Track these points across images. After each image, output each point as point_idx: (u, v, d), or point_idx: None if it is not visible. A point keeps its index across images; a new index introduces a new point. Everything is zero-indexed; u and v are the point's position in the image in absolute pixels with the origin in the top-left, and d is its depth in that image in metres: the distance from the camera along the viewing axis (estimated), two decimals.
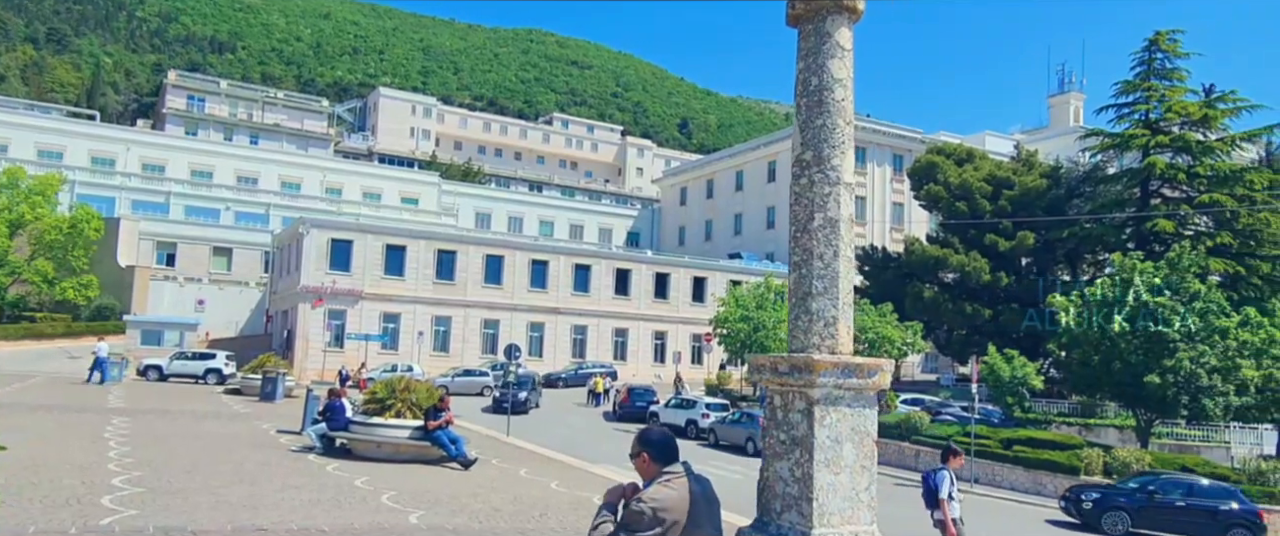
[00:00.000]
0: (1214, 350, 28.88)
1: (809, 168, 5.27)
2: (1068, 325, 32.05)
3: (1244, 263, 40.72)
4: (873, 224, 64.21)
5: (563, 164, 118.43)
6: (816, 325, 5.03)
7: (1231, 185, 41.86)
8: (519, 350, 31.11)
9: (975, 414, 32.33)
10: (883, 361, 4.99)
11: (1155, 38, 43.58)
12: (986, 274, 45.05)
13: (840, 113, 5.29)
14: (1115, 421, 35.47)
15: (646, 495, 3.45)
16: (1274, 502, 25.33)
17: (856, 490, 4.84)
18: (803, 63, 5.28)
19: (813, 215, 5.20)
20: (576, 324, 54.63)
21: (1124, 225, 44.11)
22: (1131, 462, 27.44)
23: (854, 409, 4.92)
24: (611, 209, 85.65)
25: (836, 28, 5.21)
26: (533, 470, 17.84)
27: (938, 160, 49.69)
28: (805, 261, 5.12)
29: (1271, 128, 44.67)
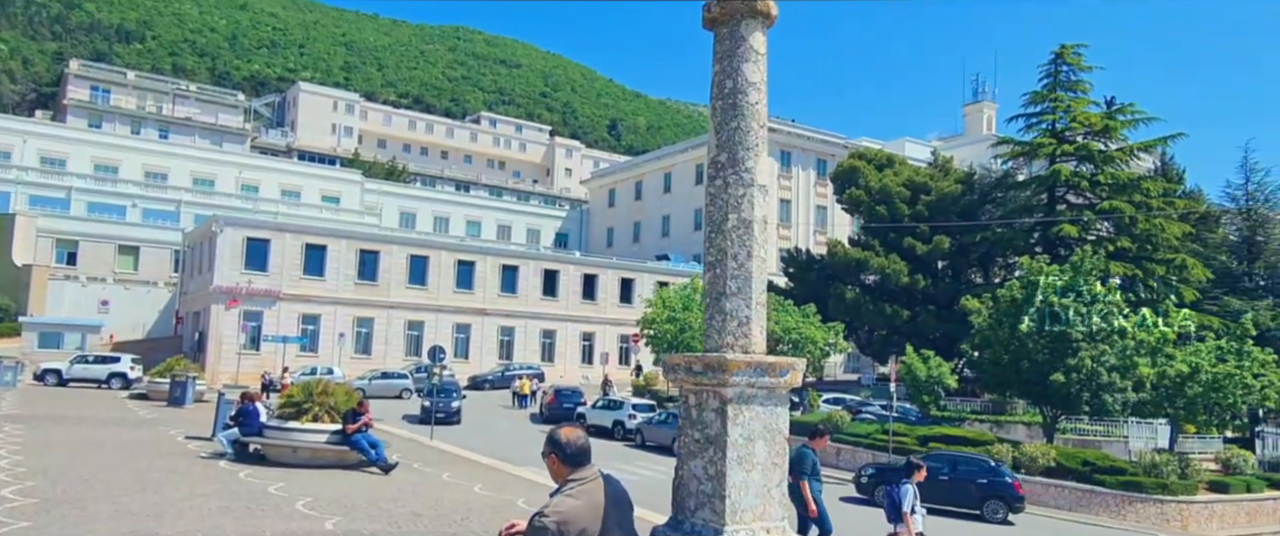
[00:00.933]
0: (1113, 349, 30.30)
1: (724, 169, 5.35)
2: (980, 326, 33.28)
3: (1141, 266, 42.99)
4: (797, 227, 65.50)
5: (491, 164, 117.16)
6: (730, 325, 5.11)
7: (1130, 192, 44.16)
8: (443, 352, 30.63)
9: (893, 412, 33.30)
10: (794, 360, 5.09)
11: (1061, 51, 45.69)
12: (905, 276, 46.43)
13: (754, 116, 5.39)
14: (1024, 418, 36.93)
15: (550, 508, 3.36)
16: (1166, 493, 26.87)
17: (768, 487, 4.94)
18: (718, 66, 5.35)
19: (727, 216, 5.28)
20: (504, 325, 54.10)
21: (1032, 230, 46.05)
22: (1038, 457, 28.66)
23: (767, 407, 5.01)
24: (540, 210, 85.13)
25: (751, 32, 5.30)
26: (456, 474, 17.58)
27: (859, 165, 51.00)
28: (720, 262, 5.19)
29: (1166, 139, 47.32)
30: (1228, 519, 27.71)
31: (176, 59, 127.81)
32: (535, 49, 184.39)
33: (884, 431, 31.24)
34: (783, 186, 66.30)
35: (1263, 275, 48.75)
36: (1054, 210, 45.65)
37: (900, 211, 47.75)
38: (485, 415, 36.51)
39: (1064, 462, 28.48)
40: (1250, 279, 48.59)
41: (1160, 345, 31.69)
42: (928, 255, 47.19)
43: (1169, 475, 27.24)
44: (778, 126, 68.29)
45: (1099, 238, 44.12)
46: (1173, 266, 43.51)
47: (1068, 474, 28.09)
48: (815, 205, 67.02)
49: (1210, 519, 27.23)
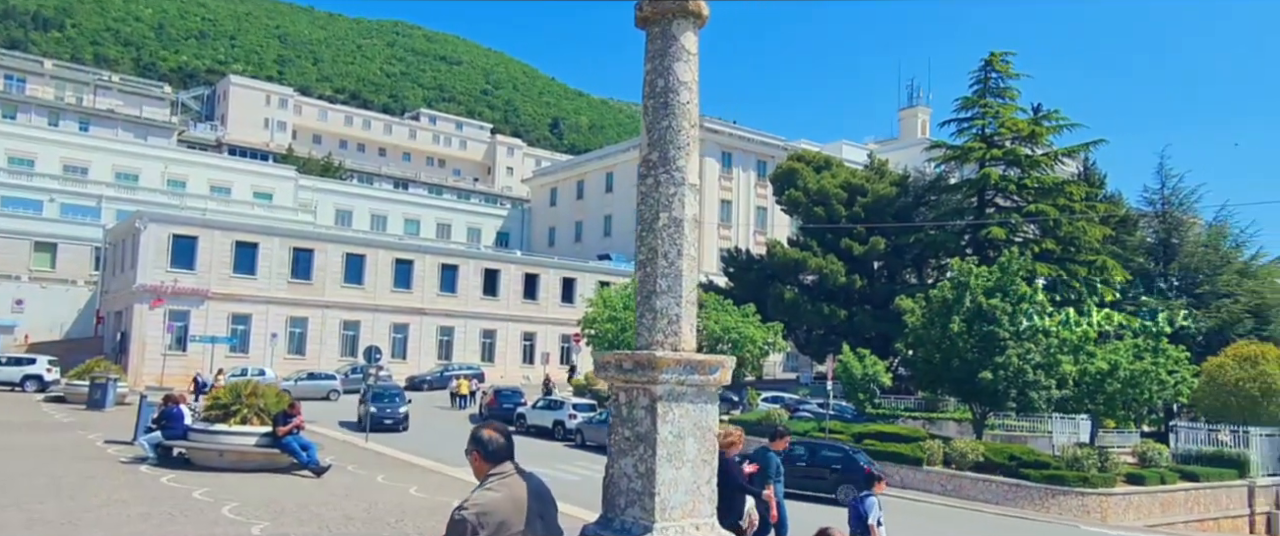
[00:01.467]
0: (1038, 348, 31.31)
1: (655, 168, 5.38)
2: (913, 325, 34.09)
3: (1065, 267, 44.58)
4: (738, 227, 66.18)
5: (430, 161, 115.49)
6: (660, 323, 5.14)
7: (1054, 196, 45.77)
8: (380, 352, 30.02)
9: (830, 410, 33.91)
10: (724, 358, 5.14)
11: (990, 58, 47.11)
12: (842, 276, 47.27)
13: (686, 115, 5.43)
14: (955, 415, 37.93)
15: (469, 501, 3.36)
16: (1087, 486, 27.92)
17: (698, 484, 4.97)
18: (650, 65, 5.38)
19: (658, 215, 5.31)
20: (443, 325, 53.38)
21: (964, 231, 47.36)
22: (967, 452, 29.46)
23: (696, 404, 5.05)
24: (480, 208, 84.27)
25: (682, 31, 5.34)
26: (391, 476, 17.28)
27: (798, 167, 51.76)
28: (650, 260, 5.22)
29: (1088, 145, 49.20)
30: (1143, 510, 28.89)
31: (98, 48, 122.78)
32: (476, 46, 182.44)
33: (821, 429, 31.75)
34: (723, 187, 66.92)
35: (1177, 276, 50.94)
36: (984, 212, 47.04)
37: (838, 212, 48.62)
38: (423, 416, 35.94)
39: (992, 457, 29.33)
40: (1165, 279, 50.73)
41: (1082, 343, 32.87)
42: (864, 256, 48.12)
43: (1090, 469, 28.27)
44: (719, 128, 68.90)
45: (1026, 240, 45.59)
46: (1094, 267, 45.22)
47: (996, 468, 28.93)
48: (755, 206, 67.81)
49: (1127, 510, 28.35)
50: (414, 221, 73.87)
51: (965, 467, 29.10)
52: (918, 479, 29.54)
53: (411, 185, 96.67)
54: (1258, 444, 33.50)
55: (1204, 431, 35.31)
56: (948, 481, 28.66)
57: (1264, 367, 35.15)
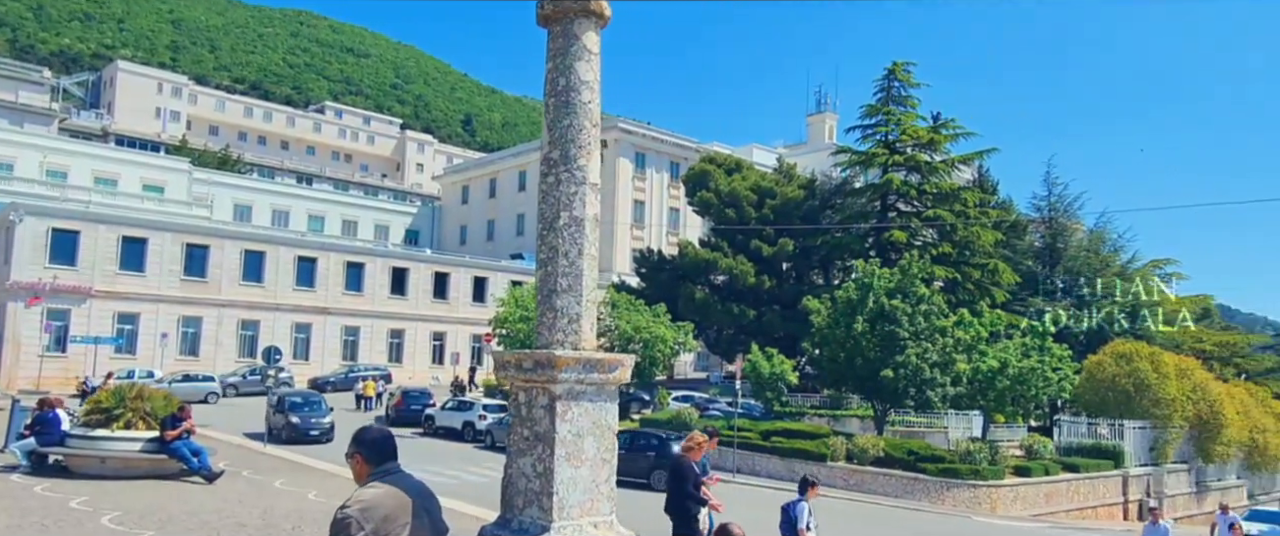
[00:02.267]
0: (935, 347, 32.62)
1: (556, 166, 5.37)
2: (819, 325, 35.02)
3: (960, 269, 46.64)
4: (651, 227, 66.60)
5: (336, 156, 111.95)
6: (561, 322, 5.13)
7: (951, 202, 47.84)
8: (280, 353, 28.91)
9: (738, 408, 34.50)
10: (623, 357, 5.18)
11: (893, 68, 48.89)
12: (752, 277, 48.17)
13: (587, 114, 5.44)
14: (858, 412, 39.09)
15: (351, 499, 3.30)
16: (979, 478, 29.27)
17: (597, 482, 4.99)
18: (551, 63, 5.37)
19: (559, 214, 5.30)
20: (348, 325, 51.84)
21: (867, 234, 48.98)
22: (868, 448, 30.48)
23: (596, 403, 5.06)
24: (389, 205, 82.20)
25: (584, 31, 5.35)
26: (290, 480, 16.66)
27: (710, 169, 52.49)
28: (551, 259, 5.21)
29: (982, 153, 51.65)
30: (1029, 500, 30.47)
31: None
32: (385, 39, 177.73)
33: (729, 427, 32.25)
34: (637, 188, 67.25)
35: (1062, 278, 54.02)
36: (887, 216, 48.75)
37: (748, 214, 49.53)
38: None
39: (892, 452, 30.42)
40: (1051, 282, 53.72)
41: (975, 343, 34.44)
42: (773, 257, 49.17)
43: (981, 462, 29.62)
44: (633, 128, 69.17)
45: (925, 243, 47.45)
46: (987, 270, 47.47)
47: (895, 463, 30.02)
48: (669, 206, 68.38)
49: (1015, 501, 29.85)
50: (318, 218, 71.45)
51: (866, 463, 30.08)
52: (822, 474, 30.19)
53: (316, 180, 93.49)
54: (1131, 436, 35.76)
55: (1084, 425, 37.44)
56: (850, 476, 29.58)
57: (1137, 365, 37.59)
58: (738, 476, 30.57)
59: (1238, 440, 40.92)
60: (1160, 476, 36.90)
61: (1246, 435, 41.65)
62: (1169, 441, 37.42)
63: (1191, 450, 39.33)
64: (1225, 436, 39.35)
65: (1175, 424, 37.48)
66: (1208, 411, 38.52)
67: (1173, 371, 38.18)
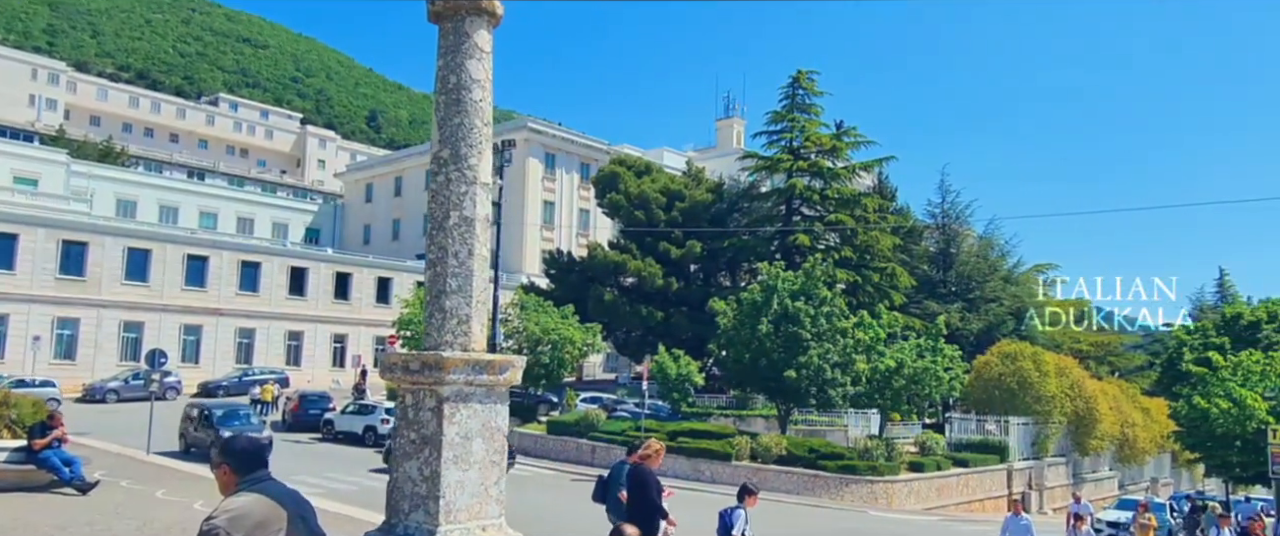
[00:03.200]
0: (836, 348, 33.60)
1: (446, 165, 5.30)
2: (725, 327, 35.59)
3: (861, 273, 48.22)
4: (560, 229, 66.33)
5: (231, 151, 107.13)
6: (450, 323, 5.06)
7: (852, 207, 49.44)
8: (165, 356, 27.35)
9: (645, 409, 34.72)
10: (513, 358, 5.14)
11: (798, 76, 50.19)
12: (660, 279, 48.57)
13: (478, 113, 5.38)
14: (763, 412, 39.90)
15: (219, 509, 3.15)
16: (876, 474, 30.33)
17: (486, 485, 4.94)
18: (442, 61, 5.29)
19: (448, 213, 5.23)
20: (243, 327, 49.68)
21: (773, 238, 50.08)
22: (772, 447, 31.17)
23: (486, 405, 5.01)
24: (288, 202, 79.17)
25: (476, 29, 5.29)
26: (174, 489, 15.82)
27: (620, 171, 52.66)
28: (440, 259, 5.13)
29: (881, 160, 53.60)
30: (922, 494, 31.77)
31: None
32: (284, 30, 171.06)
33: (637, 428, 32.42)
34: (547, 189, 66.87)
35: (954, 282, 56.60)
36: (791, 221, 49.97)
37: (657, 217, 49.92)
38: None
39: (794, 451, 31.19)
40: (945, 285, 56.23)
41: (874, 344, 35.65)
42: (681, 259, 49.70)
43: (878, 458, 30.72)
44: (543, 128, 68.75)
45: (827, 247, 48.84)
46: (885, 274, 49.23)
47: (797, 461, 30.78)
48: (579, 208, 68.25)
49: (909, 495, 31.06)
50: (211, 215, 68.18)
51: (770, 461, 30.75)
52: (727, 473, 30.84)
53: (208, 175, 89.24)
54: (1015, 432, 37.73)
55: (974, 422, 39.27)
56: (754, 474, 30.06)
57: (1021, 364, 39.72)
58: None
59: (1110, 434, 43.72)
60: (1041, 469, 39.06)
61: (1118, 429, 44.54)
62: (1049, 436, 39.66)
63: (1069, 444, 41.79)
64: (1099, 430, 41.98)
65: (1055, 419, 39.77)
66: (1083, 407, 41.01)
67: (1053, 370, 40.51)
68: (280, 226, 72.13)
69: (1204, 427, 27.08)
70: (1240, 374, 27.29)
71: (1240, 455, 25.69)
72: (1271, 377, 25.78)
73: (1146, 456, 50.10)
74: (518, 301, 42.32)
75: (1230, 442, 25.87)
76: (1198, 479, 48.94)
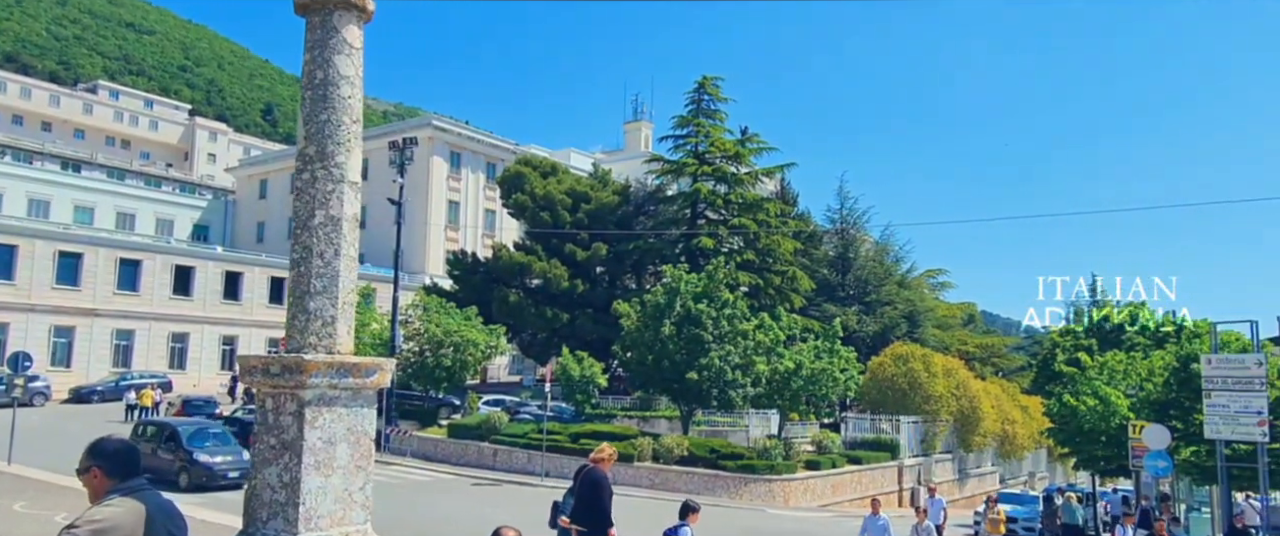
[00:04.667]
0: (737, 349, 34.25)
1: (312, 163, 5.15)
2: (629, 329, 35.78)
3: (762, 276, 49.31)
4: (466, 229, 65.31)
5: (111, 142, 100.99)
6: (314, 325, 4.92)
7: (755, 212, 50.51)
8: (29, 359, 25.51)
9: (548, 412, 34.53)
10: (381, 361, 5.04)
11: (702, 82, 50.96)
12: (566, 281, 48.42)
13: (346, 110, 5.25)
14: (666, 413, 40.29)
15: (82, 519, 2.94)
16: (774, 473, 31.04)
17: (350, 490, 4.82)
18: (309, 55, 5.15)
19: (314, 212, 5.09)
20: (121, 328, 46.88)
21: (678, 241, 50.64)
22: (674, 448, 31.51)
23: (351, 409, 4.90)
24: (174, 197, 75.14)
25: (345, 24, 5.17)
26: (35, 502, 14.79)
27: (525, 171, 52.24)
28: (305, 259, 4.99)
29: (783, 166, 54.98)
30: (818, 492, 32.70)
31: None
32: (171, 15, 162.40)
33: (539, 430, 32.24)
34: (452, 188, 65.74)
35: (852, 285, 58.54)
36: (696, 224, 50.66)
37: (563, 218, 49.75)
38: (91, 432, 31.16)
39: (695, 451, 31.62)
40: (843, 289, 58.10)
41: (774, 345, 36.50)
42: (587, 261, 49.68)
43: (776, 458, 31.44)
44: (448, 127, 67.57)
45: (731, 251, 49.73)
46: (786, 277, 50.51)
47: (698, 461, 31.21)
48: (484, 208, 67.37)
49: (806, 493, 31.92)
50: (87, 209, 64.04)
51: (671, 462, 31.06)
52: (629, 475, 30.98)
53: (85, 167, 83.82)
54: (906, 430, 39.30)
55: (868, 421, 40.70)
56: (655, 475, 30.41)
57: (912, 365, 41.42)
58: (547, 480, 30.61)
59: (992, 431, 46.07)
60: (929, 465, 40.80)
61: (999, 426, 46.98)
62: (937, 434, 41.49)
63: (955, 441, 43.81)
64: (982, 428, 44.17)
65: (942, 418, 41.64)
66: (968, 406, 43.08)
67: (941, 371, 42.40)
68: (165, 222, 68.42)
69: (1073, 424, 28.88)
70: (1106, 373, 29.23)
71: (1105, 449, 27.50)
72: (1133, 376, 27.74)
73: (1025, 452, 53.05)
74: (419, 303, 41.44)
75: (1096, 438, 27.66)
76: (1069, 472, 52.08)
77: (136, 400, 36.65)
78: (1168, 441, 22.53)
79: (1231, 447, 20.47)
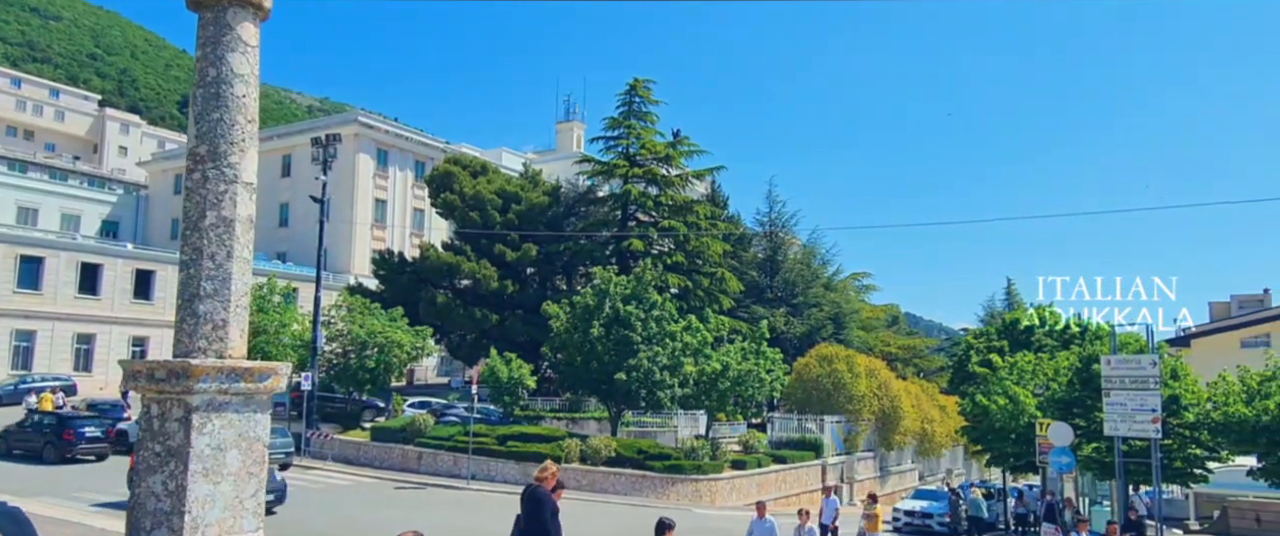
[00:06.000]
0: (665, 351, 34.50)
1: (203, 162, 5.02)
2: (558, 330, 35.69)
3: (692, 278, 49.76)
4: (393, 228, 64.07)
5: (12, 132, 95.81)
6: (204, 328, 4.80)
7: (685, 214, 50.93)
8: None
9: (475, 414, 34.15)
10: (277, 365, 4.94)
11: (634, 84, 51.13)
12: (495, 281, 47.94)
13: (241, 109, 5.14)
14: (595, 414, 40.30)
15: None
16: (701, 473, 31.35)
17: (241, 498, 4.71)
18: (201, 51, 5.02)
19: (205, 213, 4.96)
20: (20, 329, 44.53)
21: (608, 242, 50.70)
22: (601, 449, 31.52)
23: (242, 414, 4.79)
24: (81, 191, 71.67)
25: (239, 21, 5.06)
26: None
27: (455, 170, 51.55)
28: (195, 261, 4.86)
29: (713, 169, 55.57)
30: (744, 491, 33.14)
31: None
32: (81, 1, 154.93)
33: (465, 433, 31.89)
34: (379, 186, 64.44)
35: (780, 287, 59.56)
36: (626, 226, 50.81)
37: (493, 218, 49.26)
38: None
39: (623, 452, 31.70)
40: (771, 291, 59.06)
41: (701, 347, 36.87)
42: (517, 262, 49.30)
43: (703, 458, 31.77)
44: (375, 123, 66.24)
45: (660, 252, 50.04)
46: (715, 279, 51.07)
47: (626, 462, 31.30)
48: (413, 207, 66.20)
49: (732, 492, 32.32)
50: None
51: (599, 463, 31.08)
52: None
53: None
54: (830, 429, 40.19)
55: (794, 421, 41.46)
56: (583, 476, 30.39)
57: (836, 366, 42.39)
58: (473, 483, 30.31)
59: (912, 430, 47.49)
60: (852, 463, 41.82)
61: (919, 425, 48.46)
62: (860, 433, 42.56)
63: (877, 439, 45.02)
64: (903, 427, 45.50)
65: (865, 417, 42.72)
66: (889, 406, 44.32)
67: (864, 371, 43.51)
68: (71, 218, 65.22)
69: (985, 422, 30.00)
70: (1016, 373, 30.46)
71: (1015, 446, 28.65)
72: (1040, 376, 28.96)
73: (943, 449, 54.85)
74: (343, 303, 40.50)
75: (1007, 436, 28.79)
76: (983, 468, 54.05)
77: (36, 403, 34.80)
78: (1071, 438, 23.61)
79: (1128, 443, 21.56)
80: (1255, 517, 31.67)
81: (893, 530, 31.71)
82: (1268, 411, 20.29)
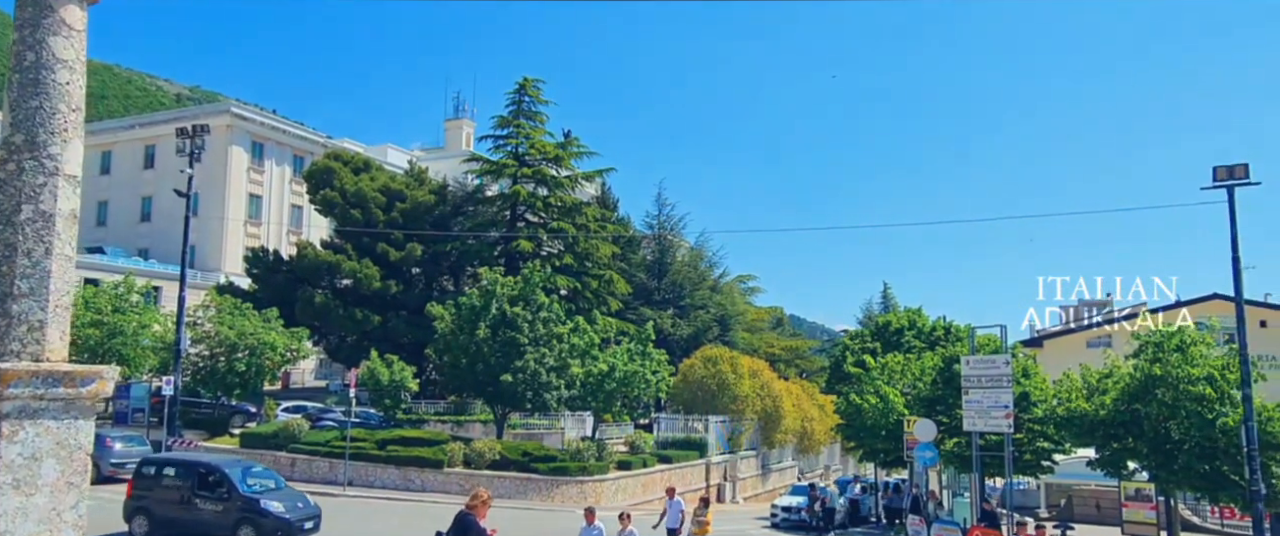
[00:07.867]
0: (553, 352, 34.43)
1: (19, 153, 4.71)
2: (443, 331, 35.01)
3: (580, 279, 49.76)
4: (269, 225, 61.24)
5: None
6: (18, 330, 4.50)
7: (574, 215, 50.90)
8: None
9: (354, 418, 33.05)
10: (103, 368, 4.68)
11: (523, 83, 50.73)
12: (378, 281, 46.54)
13: (63, 97, 4.84)
14: (480, 416, 39.74)
15: None
16: (586, 474, 31.41)
17: (58, 510, 4.45)
18: (18, 35, 4.70)
19: (20, 207, 4.65)
20: None
21: (496, 243, 50.08)
22: (485, 452, 31.14)
23: (62, 421, 4.52)
24: None
25: (63, 3, 4.77)
26: None
27: (335, 166, 49.77)
28: (8, 258, 4.55)
29: (603, 171, 55.78)
30: (630, 490, 33.44)
31: None
32: None
33: (342, 438, 30.86)
34: (253, 181, 61.45)
35: (667, 289, 60.39)
36: (515, 226, 50.34)
37: (376, 216, 47.81)
38: None
39: (508, 454, 31.42)
40: (659, 292, 59.80)
41: (589, 348, 36.98)
42: (401, 262, 48.01)
43: (589, 459, 31.85)
44: (249, 115, 63.18)
45: (550, 253, 49.85)
46: (604, 281, 51.27)
47: (510, 465, 31.03)
48: (290, 204, 63.44)
49: (618, 492, 32.55)
50: None
51: (483, 466, 30.67)
52: (438, 481, 30.33)
53: None
54: (714, 429, 41.05)
55: (680, 420, 42.12)
56: (465, 481, 29.92)
57: (721, 367, 43.34)
58: (350, 489, 29.39)
59: (793, 428, 49.07)
60: (735, 462, 42.85)
61: (799, 424, 50.12)
62: (743, 432, 43.65)
63: (759, 438, 46.29)
64: (784, 426, 46.95)
65: (748, 417, 43.86)
66: (772, 405, 45.65)
67: (747, 372, 44.67)
68: None
69: (859, 420, 31.40)
70: (886, 374, 32.03)
71: (885, 443, 30.11)
72: (908, 376, 30.55)
73: (821, 447, 56.93)
74: (210, 303, 38.43)
75: (878, 432, 30.21)
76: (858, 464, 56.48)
77: None
78: (934, 434, 25.01)
79: (985, 438, 23.01)
80: (1095, 504, 34.46)
81: (770, 525, 32.73)
82: (1104, 407, 22.06)
